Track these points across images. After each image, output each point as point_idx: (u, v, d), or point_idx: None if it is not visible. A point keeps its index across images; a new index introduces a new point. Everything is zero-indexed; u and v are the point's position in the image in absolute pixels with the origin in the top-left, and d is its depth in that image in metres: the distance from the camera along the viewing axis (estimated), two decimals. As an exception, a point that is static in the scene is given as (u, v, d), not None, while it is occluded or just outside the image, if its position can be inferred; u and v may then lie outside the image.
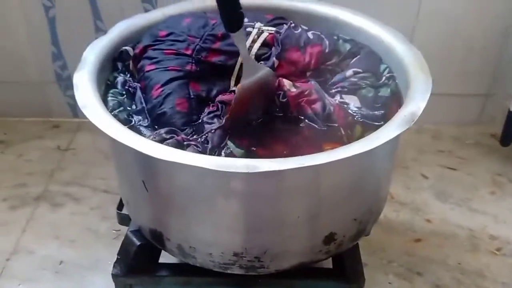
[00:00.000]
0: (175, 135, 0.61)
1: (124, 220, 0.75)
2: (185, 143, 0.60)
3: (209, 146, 0.60)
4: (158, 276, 0.69)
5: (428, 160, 1.12)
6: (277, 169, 0.51)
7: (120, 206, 0.76)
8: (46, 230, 0.96)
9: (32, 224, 0.97)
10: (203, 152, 0.60)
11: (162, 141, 0.59)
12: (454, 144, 1.16)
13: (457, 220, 0.98)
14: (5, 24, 1.10)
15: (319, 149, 0.59)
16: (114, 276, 0.68)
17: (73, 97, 1.21)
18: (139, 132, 0.62)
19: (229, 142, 0.61)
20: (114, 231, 0.95)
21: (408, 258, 0.91)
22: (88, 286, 0.86)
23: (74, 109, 1.22)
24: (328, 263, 0.70)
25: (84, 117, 0.58)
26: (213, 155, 0.60)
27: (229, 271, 0.62)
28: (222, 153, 0.60)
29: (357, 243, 0.68)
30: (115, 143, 0.55)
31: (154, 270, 0.70)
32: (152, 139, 0.59)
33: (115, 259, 0.69)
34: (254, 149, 0.61)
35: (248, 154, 0.60)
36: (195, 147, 0.60)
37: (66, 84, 1.18)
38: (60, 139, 1.18)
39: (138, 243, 0.69)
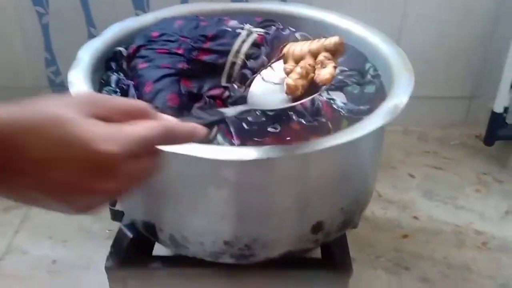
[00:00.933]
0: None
1: (117, 216, 0.75)
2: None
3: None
4: (151, 268, 0.70)
5: (414, 160, 1.14)
6: (265, 157, 0.53)
7: (113, 202, 0.77)
8: (39, 230, 0.97)
9: (25, 225, 0.98)
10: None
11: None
12: (440, 145, 1.19)
13: (444, 217, 1.00)
14: (-1, 30, 1.12)
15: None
16: (107, 268, 0.68)
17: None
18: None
19: (218, 135, 0.63)
20: (107, 231, 0.96)
21: (396, 253, 0.92)
22: (81, 285, 0.87)
23: (67, 114, 1.23)
24: (317, 253, 0.72)
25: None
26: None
27: (220, 260, 0.64)
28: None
29: (345, 234, 0.70)
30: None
31: (147, 262, 0.70)
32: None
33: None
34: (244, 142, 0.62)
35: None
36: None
37: (59, 90, 1.19)
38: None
39: (131, 236, 0.70)
